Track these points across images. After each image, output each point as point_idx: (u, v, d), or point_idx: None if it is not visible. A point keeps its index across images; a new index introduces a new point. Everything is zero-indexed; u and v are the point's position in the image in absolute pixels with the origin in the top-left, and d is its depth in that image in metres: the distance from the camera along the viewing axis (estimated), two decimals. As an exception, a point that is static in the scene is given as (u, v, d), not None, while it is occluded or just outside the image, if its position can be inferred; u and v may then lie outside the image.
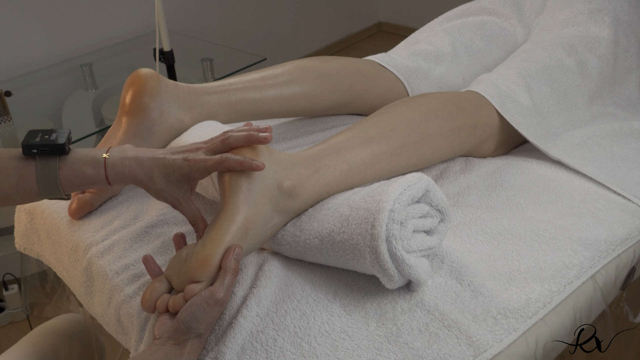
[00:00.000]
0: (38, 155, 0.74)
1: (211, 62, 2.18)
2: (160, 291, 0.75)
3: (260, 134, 0.77)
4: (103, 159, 0.75)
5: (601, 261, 0.85)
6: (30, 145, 0.73)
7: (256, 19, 3.02)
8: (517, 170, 1.00)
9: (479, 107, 1.01)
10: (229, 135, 0.77)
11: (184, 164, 0.75)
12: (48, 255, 1.02)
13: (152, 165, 0.76)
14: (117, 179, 0.76)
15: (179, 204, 0.78)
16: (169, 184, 0.77)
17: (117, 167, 0.76)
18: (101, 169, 0.75)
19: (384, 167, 0.90)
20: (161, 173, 0.76)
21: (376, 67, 1.17)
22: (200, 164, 0.75)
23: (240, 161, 0.75)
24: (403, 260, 0.73)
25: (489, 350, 0.71)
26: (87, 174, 0.75)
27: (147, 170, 0.76)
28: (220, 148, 0.78)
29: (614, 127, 1.10)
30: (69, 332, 1.06)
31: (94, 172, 0.75)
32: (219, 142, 0.78)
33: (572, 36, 1.17)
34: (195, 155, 0.76)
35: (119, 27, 2.42)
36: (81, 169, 0.75)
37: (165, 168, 0.76)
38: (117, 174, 0.76)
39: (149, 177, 0.76)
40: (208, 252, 0.72)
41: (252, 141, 0.77)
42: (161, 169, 0.76)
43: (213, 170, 0.76)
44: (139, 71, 0.97)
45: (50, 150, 0.74)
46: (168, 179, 0.76)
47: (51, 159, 0.74)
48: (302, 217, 0.82)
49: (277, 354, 0.72)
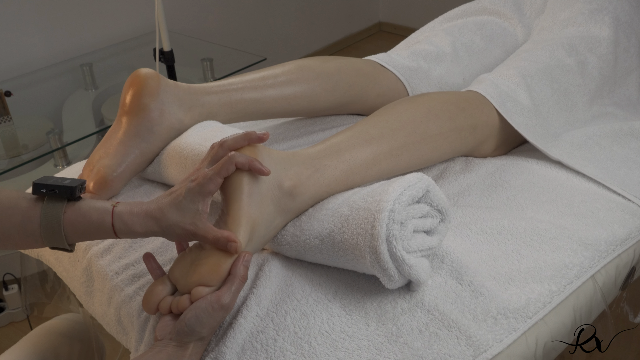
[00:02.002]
0: (46, 195, 0.72)
1: (211, 62, 2.18)
2: (162, 293, 0.74)
3: (257, 132, 0.77)
4: (111, 208, 0.73)
5: (601, 261, 0.85)
6: (40, 184, 0.72)
7: (256, 19, 3.02)
8: (517, 170, 1.00)
9: (479, 107, 1.02)
10: (226, 138, 0.77)
11: (191, 185, 0.73)
12: (48, 255, 1.02)
13: (160, 204, 0.73)
14: (124, 228, 0.73)
15: (196, 228, 0.73)
16: (182, 212, 0.72)
17: (124, 216, 0.72)
18: (108, 216, 0.72)
19: (384, 167, 0.90)
20: (171, 206, 0.73)
21: (376, 67, 1.17)
22: (209, 174, 0.73)
23: (250, 160, 0.73)
24: (403, 260, 0.73)
25: (489, 350, 0.71)
26: (92, 219, 0.72)
27: (157, 209, 0.73)
28: (221, 153, 0.77)
29: (614, 127, 1.10)
30: (69, 332, 1.06)
31: (100, 218, 0.72)
32: (217, 148, 0.77)
33: (573, 36, 1.18)
34: (199, 173, 0.74)
35: (119, 27, 2.42)
36: (87, 214, 0.72)
37: (174, 200, 0.73)
38: (123, 223, 0.72)
39: (158, 225, 0.72)
40: (220, 257, 0.72)
41: (250, 140, 0.77)
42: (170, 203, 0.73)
43: (224, 173, 0.73)
44: (139, 71, 0.97)
45: (59, 192, 0.72)
46: (179, 207, 0.72)
47: (59, 201, 0.72)
48: (302, 217, 0.82)
49: (277, 354, 0.72)
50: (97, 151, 0.97)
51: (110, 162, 0.95)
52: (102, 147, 0.97)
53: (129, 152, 0.96)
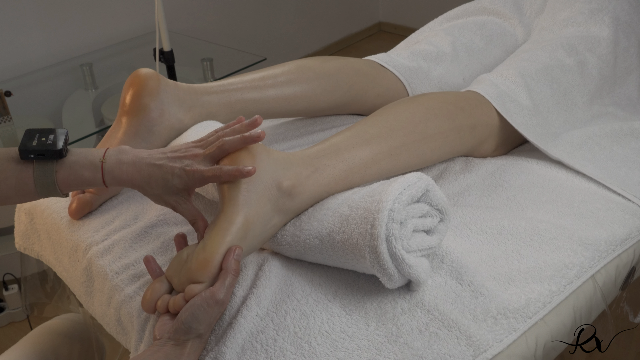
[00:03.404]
0: (35, 159, 0.74)
1: (211, 62, 2.18)
2: (160, 292, 0.75)
3: (253, 133, 0.78)
4: (100, 163, 0.76)
5: (601, 261, 0.85)
6: (27, 150, 0.73)
7: (256, 19, 3.02)
8: (517, 170, 1.00)
9: (478, 107, 1.01)
10: (224, 141, 0.78)
11: (182, 173, 0.76)
12: (48, 255, 1.02)
13: (150, 172, 0.76)
14: (114, 182, 0.77)
15: (178, 205, 0.79)
16: (167, 190, 0.77)
17: (114, 172, 0.76)
18: (98, 173, 0.76)
19: (384, 167, 0.90)
20: (159, 180, 0.76)
21: (376, 67, 1.17)
22: (197, 175, 0.76)
23: (233, 173, 0.75)
24: (403, 259, 0.73)
25: (489, 350, 0.71)
26: (84, 177, 0.76)
27: (145, 177, 0.76)
28: (218, 154, 0.78)
29: (614, 127, 1.10)
30: (69, 332, 1.06)
31: (91, 175, 0.76)
32: (215, 149, 0.78)
33: (572, 36, 1.17)
34: (193, 164, 0.76)
35: (119, 27, 2.42)
36: (78, 172, 0.75)
37: (163, 175, 0.76)
38: (114, 178, 0.76)
39: (146, 183, 0.77)
40: (209, 253, 0.73)
41: (248, 142, 0.78)
42: (159, 176, 0.76)
43: (210, 181, 0.77)
44: (139, 71, 0.97)
45: (47, 155, 0.74)
46: (166, 185, 0.77)
47: (48, 162, 0.74)
48: (301, 217, 0.82)
49: (277, 354, 0.72)
50: (97, 151, 0.97)
51: (110, 162, 0.95)
52: (102, 147, 0.97)
53: (129, 152, 0.96)
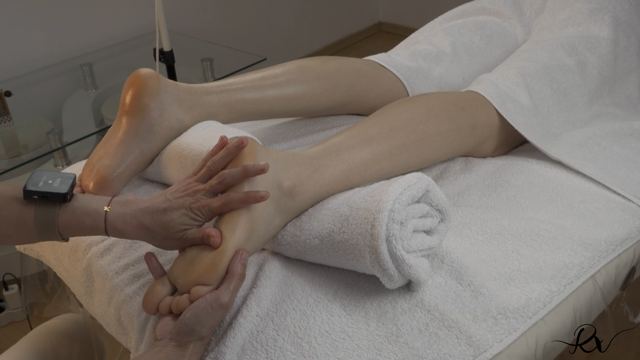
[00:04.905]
0: (38, 200, 0.73)
1: (211, 62, 2.18)
2: (162, 294, 0.74)
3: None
4: (104, 212, 0.74)
5: (601, 261, 0.85)
6: (31, 192, 0.73)
7: (256, 19, 3.02)
8: (517, 170, 1.00)
9: (478, 107, 1.02)
10: (225, 174, 0.76)
11: (188, 214, 0.74)
12: (48, 255, 1.02)
13: (153, 226, 0.74)
14: (117, 234, 0.75)
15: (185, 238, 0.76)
16: (172, 229, 0.75)
17: (117, 223, 0.74)
18: (101, 222, 0.74)
19: (384, 167, 0.90)
20: (163, 231, 0.75)
21: (376, 67, 1.17)
22: (204, 210, 0.75)
23: (244, 200, 0.74)
24: (403, 260, 0.73)
25: (489, 350, 0.71)
26: (86, 224, 0.74)
27: (149, 231, 0.75)
28: (220, 188, 0.76)
29: (614, 127, 1.10)
30: (69, 332, 1.06)
31: (93, 223, 0.74)
32: (216, 183, 0.76)
33: (572, 36, 1.17)
34: (197, 201, 0.75)
35: (119, 27, 2.42)
36: (80, 218, 0.74)
37: (166, 224, 0.74)
38: (116, 229, 0.75)
39: (151, 237, 0.75)
40: (216, 256, 0.72)
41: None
42: (163, 227, 0.75)
43: (219, 212, 0.75)
44: (139, 71, 0.97)
45: (51, 197, 0.73)
46: (171, 231, 0.75)
47: (51, 205, 0.73)
48: (302, 217, 0.82)
49: (277, 354, 0.72)
50: (97, 151, 0.97)
51: (110, 162, 0.95)
52: (102, 147, 0.97)
53: (129, 152, 0.96)
